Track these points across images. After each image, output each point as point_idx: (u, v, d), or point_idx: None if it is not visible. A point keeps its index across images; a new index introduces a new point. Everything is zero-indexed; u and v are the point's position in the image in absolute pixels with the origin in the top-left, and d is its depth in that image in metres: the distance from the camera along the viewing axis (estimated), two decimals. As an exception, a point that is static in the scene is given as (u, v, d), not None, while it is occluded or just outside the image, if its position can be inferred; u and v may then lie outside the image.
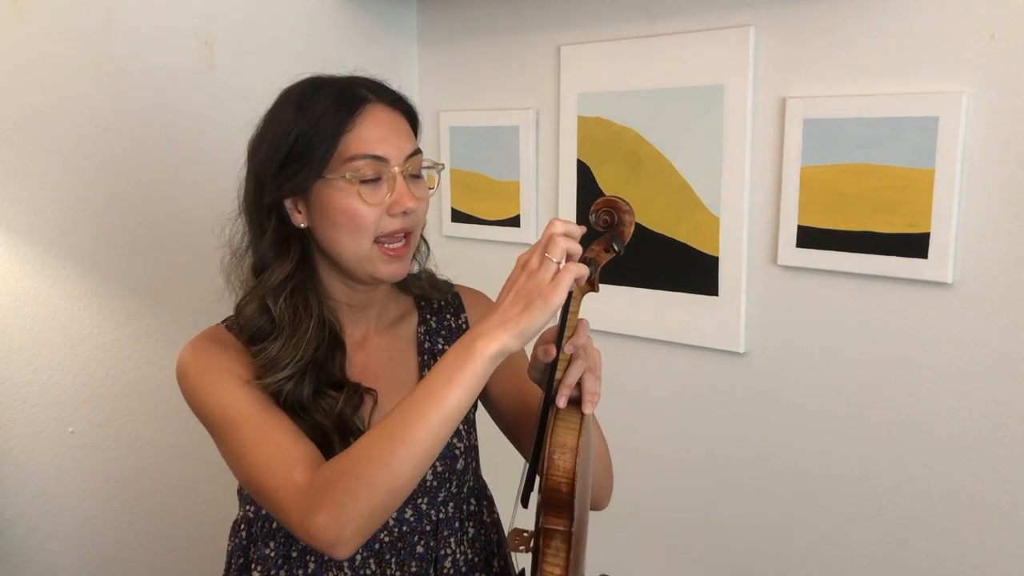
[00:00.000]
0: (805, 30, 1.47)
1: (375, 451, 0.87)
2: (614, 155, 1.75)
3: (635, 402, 1.79)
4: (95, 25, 1.65)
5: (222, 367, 1.02)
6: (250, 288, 1.07)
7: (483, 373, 0.87)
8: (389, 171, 1.01)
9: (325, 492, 0.88)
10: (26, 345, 1.66)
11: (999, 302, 1.33)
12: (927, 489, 1.43)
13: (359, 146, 1.00)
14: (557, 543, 0.96)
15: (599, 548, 1.31)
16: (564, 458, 0.92)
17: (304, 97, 1.03)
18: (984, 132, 1.31)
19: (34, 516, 1.71)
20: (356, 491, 0.86)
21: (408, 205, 1.01)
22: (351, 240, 1.02)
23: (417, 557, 1.10)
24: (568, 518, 0.94)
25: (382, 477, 0.86)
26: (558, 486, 0.93)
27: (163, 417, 1.82)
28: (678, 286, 1.68)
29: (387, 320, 1.15)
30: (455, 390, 0.86)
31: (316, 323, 1.04)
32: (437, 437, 0.87)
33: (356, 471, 0.87)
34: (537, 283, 0.86)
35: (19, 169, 1.61)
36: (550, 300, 0.85)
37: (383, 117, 1.03)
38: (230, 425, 0.98)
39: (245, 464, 0.97)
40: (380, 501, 0.87)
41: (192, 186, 1.78)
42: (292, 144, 1.01)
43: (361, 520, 0.87)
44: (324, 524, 0.87)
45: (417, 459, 0.87)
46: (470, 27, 1.99)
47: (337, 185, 1.00)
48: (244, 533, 1.11)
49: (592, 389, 0.95)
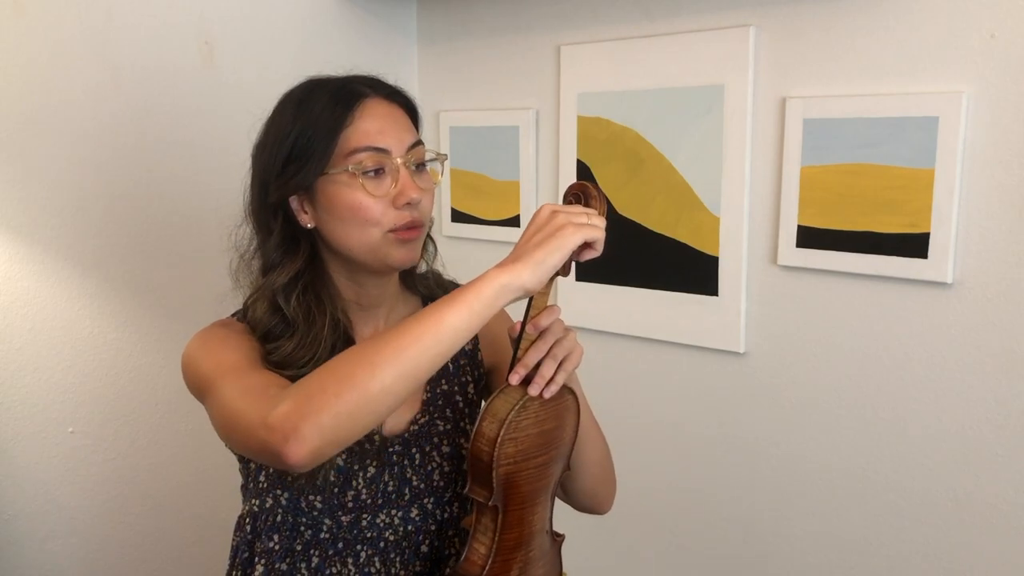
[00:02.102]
0: (805, 30, 1.47)
1: (358, 354, 0.85)
2: (614, 155, 1.75)
3: (635, 402, 1.79)
4: (95, 25, 1.65)
5: (225, 341, 1.02)
6: (258, 287, 1.07)
7: (490, 298, 0.85)
8: (392, 162, 1.01)
9: (296, 388, 0.85)
10: (26, 345, 1.66)
11: (999, 302, 1.33)
12: (927, 489, 1.43)
13: (359, 139, 1.00)
14: (486, 521, 0.96)
15: (599, 547, 1.32)
16: (491, 427, 0.92)
17: (302, 97, 1.04)
18: (984, 132, 1.31)
19: (34, 516, 1.71)
20: (326, 385, 0.83)
21: (413, 195, 1.01)
22: (360, 233, 1.02)
23: (422, 557, 1.10)
24: (488, 490, 0.94)
25: (359, 375, 0.82)
26: (479, 453, 0.93)
27: (163, 417, 1.82)
28: (678, 286, 1.68)
29: (396, 319, 1.15)
30: (456, 307, 0.84)
31: (330, 320, 1.04)
32: (427, 351, 0.84)
33: (333, 368, 0.85)
34: (557, 224, 0.88)
35: (19, 169, 1.61)
36: (568, 239, 0.87)
37: (381, 110, 1.04)
38: (219, 377, 0.96)
39: (226, 410, 0.93)
40: (351, 402, 0.82)
41: (192, 186, 1.78)
42: (293, 143, 1.01)
43: (325, 417, 0.81)
44: (286, 412, 0.82)
45: (400, 367, 0.83)
46: (470, 27, 1.99)
47: (340, 180, 1.00)
48: (249, 527, 1.11)
49: (544, 374, 0.95)
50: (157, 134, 1.73)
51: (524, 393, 0.94)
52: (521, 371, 0.96)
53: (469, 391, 1.17)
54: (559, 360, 0.97)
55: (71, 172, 1.65)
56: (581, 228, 0.88)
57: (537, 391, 0.95)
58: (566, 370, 0.97)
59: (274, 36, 1.87)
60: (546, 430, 0.98)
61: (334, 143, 1.00)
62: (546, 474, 1.00)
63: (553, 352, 0.97)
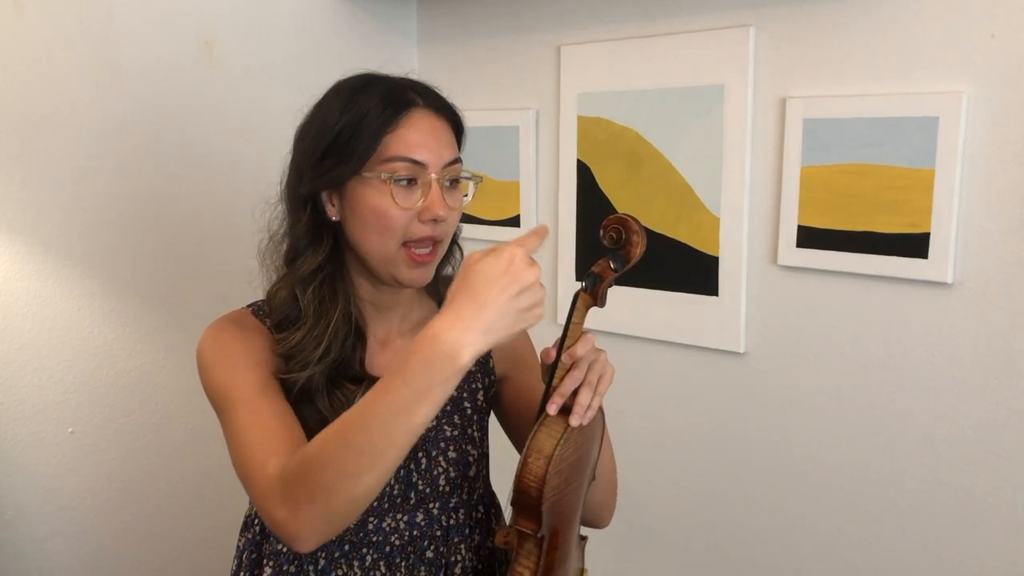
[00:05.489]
0: (805, 30, 1.47)
1: (333, 457, 0.85)
2: (614, 155, 1.75)
3: (635, 402, 1.79)
4: (95, 25, 1.65)
5: (238, 349, 1.02)
6: (281, 276, 1.07)
7: (456, 384, 0.83)
8: (426, 176, 1.01)
9: (287, 488, 0.88)
10: (26, 345, 1.66)
11: (999, 302, 1.33)
12: (927, 488, 1.43)
13: (399, 148, 1.00)
14: (530, 546, 0.96)
15: (600, 546, 1.32)
16: (537, 463, 0.92)
17: (354, 91, 1.03)
18: (984, 132, 1.31)
19: (34, 516, 1.71)
20: (314, 495, 0.86)
21: (439, 213, 1.00)
22: (379, 240, 1.01)
23: (427, 562, 1.10)
24: (536, 523, 0.94)
25: (342, 485, 0.84)
26: (527, 489, 0.93)
27: (163, 417, 1.82)
28: (678, 286, 1.68)
29: (411, 322, 1.15)
30: (424, 407, 0.83)
31: (342, 315, 1.04)
32: (401, 451, 0.85)
33: (316, 477, 0.86)
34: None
35: (19, 169, 1.61)
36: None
37: (427, 123, 1.03)
38: (230, 404, 0.99)
39: (234, 445, 0.97)
40: (339, 506, 0.86)
41: (192, 185, 1.78)
42: (335, 137, 1.01)
43: (319, 523, 0.87)
44: (285, 519, 0.87)
45: (379, 473, 0.85)
46: (470, 27, 1.99)
47: (372, 184, 1.00)
48: (257, 528, 1.12)
49: (583, 402, 0.94)
50: (157, 134, 1.73)
51: (566, 425, 0.94)
52: (559, 400, 0.94)
53: (479, 398, 1.16)
54: (595, 386, 0.96)
55: (71, 172, 1.65)
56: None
57: (578, 422, 0.94)
58: (601, 393, 0.97)
59: (274, 36, 1.87)
60: (582, 453, 0.98)
61: (375, 146, 1.00)
62: (581, 491, 1.01)
63: (588, 379, 0.95)
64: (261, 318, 1.08)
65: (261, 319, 1.07)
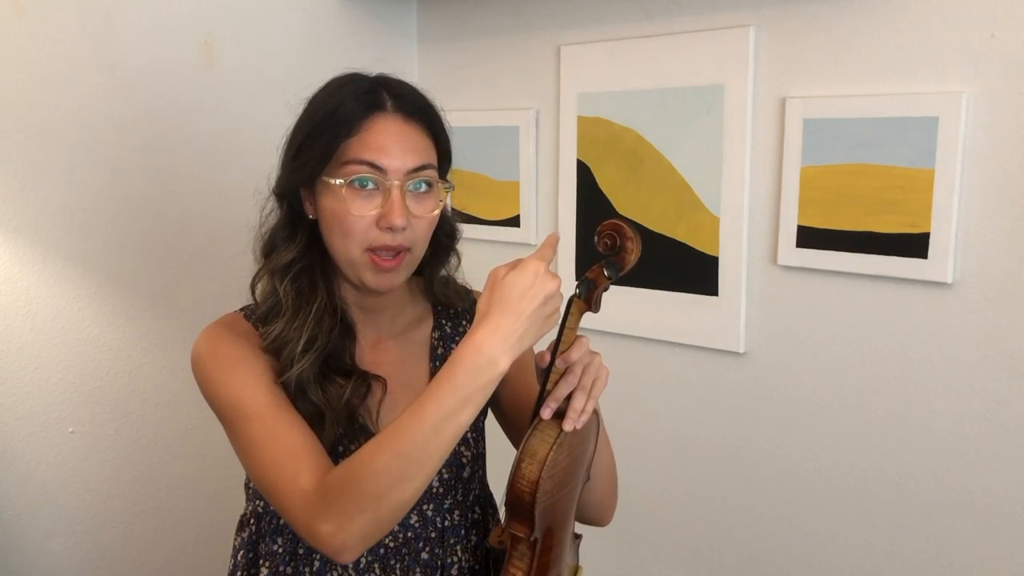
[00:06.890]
0: (805, 30, 1.47)
1: (385, 466, 0.87)
2: (614, 155, 1.75)
3: (635, 402, 1.79)
4: (95, 25, 1.65)
5: (237, 357, 1.01)
6: (259, 267, 1.07)
7: (495, 387, 0.89)
8: (385, 183, 0.99)
9: (332, 501, 0.89)
10: (26, 345, 1.66)
11: (999, 302, 1.33)
12: (927, 488, 1.43)
13: (359, 151, 0.99)
14: (523, 548, 0.96)
15: (599, 546, 1.32)
16: (530, 468, 0.92)
17: (332, 91, 1.03)
18: (984, 132, 1.31)
19: (34, 516, 1.71)
20: (363, 504, 0.87)
21: (395, 221, 0.98)
22: (342, 243, 1.01)
23: (422, 564, 1.10)
24: (528, 527, 0.94)
25: (393, 492, 0.87)
26: (520, 494, 0.93)
27: (163, 417, 1.82)
28: (678, 286, 1.68)
29: (401, 324, 1.15)
30: (469, 410, 0.87)
31: (322, 306, 1.03)
32: (447, 453, 0.88)
33: (365, 485, 0.87)
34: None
35: (19, 169, 1.61)
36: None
37: (394, 127, 1.01)
38: (242, 419, 0.98)
39: (254, 461, 0.97)
40: (388, 512, 0.88)
41: (192, 185, 1.78)
42: (305, 136, 1.01)
43: (368, 530, 0.88)
44: (331, 532, 0.88)
45: (427, 474, 0.88)
46: (470, 27, 1.99)
47: (331, 187, 0.99)
48: (253, 528, 1.11)
49: (577, 407, 0.94)
50: (157, 133, 1.73)
51: (559, 430, 0.93)
52: (553, 405, 0.95)
53: None
54: (589, 390, 0.96)
55: (71, 172, 1.65)
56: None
57: (572, 426, 0.94)
58: (595, 397, 0.96)
59: (274, 35, 1.87)
60: (576, 456, 0.98)
61: (335, 148, 0.99)
62: (575, 493, 1.01)
63: (583, 383, 0.95)
64: (253, 322, 1.07)
65: (254, 323, 1.07)
